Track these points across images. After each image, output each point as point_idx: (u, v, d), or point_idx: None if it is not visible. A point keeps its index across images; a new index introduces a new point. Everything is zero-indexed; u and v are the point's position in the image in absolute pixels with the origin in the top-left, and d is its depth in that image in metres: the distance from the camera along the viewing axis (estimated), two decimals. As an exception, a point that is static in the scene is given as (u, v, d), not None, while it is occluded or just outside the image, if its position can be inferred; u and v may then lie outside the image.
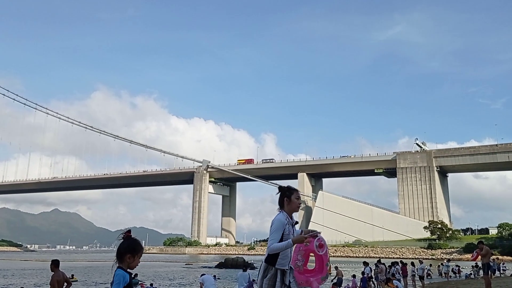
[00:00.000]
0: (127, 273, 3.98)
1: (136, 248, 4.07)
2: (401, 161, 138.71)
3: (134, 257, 4.02)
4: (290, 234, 5.34)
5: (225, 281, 38.91)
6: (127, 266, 4.02)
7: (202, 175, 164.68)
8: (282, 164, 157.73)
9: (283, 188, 5.78)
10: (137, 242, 4.14)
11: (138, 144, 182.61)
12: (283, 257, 5.30)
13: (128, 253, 4.00)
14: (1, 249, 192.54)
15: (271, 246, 5.22)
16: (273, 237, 5.26)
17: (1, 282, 37.61)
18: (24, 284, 34.56)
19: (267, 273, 5.25)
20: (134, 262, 4.04)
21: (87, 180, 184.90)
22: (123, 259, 4.01)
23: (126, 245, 4.05)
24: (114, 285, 3.91)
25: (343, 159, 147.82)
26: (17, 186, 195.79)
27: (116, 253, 4.07)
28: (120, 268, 4.00)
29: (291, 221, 5.51)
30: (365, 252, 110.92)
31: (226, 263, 62.93)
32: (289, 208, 5.58)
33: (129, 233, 4.16)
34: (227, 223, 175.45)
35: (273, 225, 5.34)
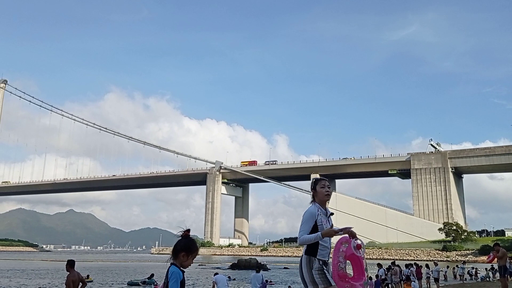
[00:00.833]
0: (181, 271, 4.07)
1: (191, 247, 4.14)
2: (415, 162, 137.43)
3: (188, 256, 4.11)
4: (324, 225, 5.31)
5: (240, 282, 38.92)
6: (180, 264, 4.11)
7: (215, 176, 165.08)
8: (295, 165, 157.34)
9: (312, 180, 5.80)
10: (194, 242, 4.21)
11: (151, 145, 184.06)
12: (323, 248, 5.30)
13: (183, 251, 4.10)
14: (17, 249, 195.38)
15: (300, 238, 5.25)
16: (302, 229, 5.28)
17: (19, 282, 38.14)
18: (41, 284, 34.99)
19: (312, 264, 5.23)
20: (187, 261, 4.12)
21: (101, 181, 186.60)
22: (177, 256, 4.11)
23: (182, 243, 4.15)
24: (172, 283, 3.97)
25: (357, 160, 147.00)
26: (33, 187, 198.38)
27: (172, 250, 4.19)
28: (174, 265, 4.10)
29: (324, 211, 5.49)
30: (379, 254, 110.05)
31: (239, 264, 62.91)
32: (318, 199, 5.57)
33: (188, 232, 4.25)
34: (240, 224, 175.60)
35: (303, 217, 5.36)
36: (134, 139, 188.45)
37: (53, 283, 36.23)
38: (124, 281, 38.14)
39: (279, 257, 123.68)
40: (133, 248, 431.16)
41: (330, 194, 5.64)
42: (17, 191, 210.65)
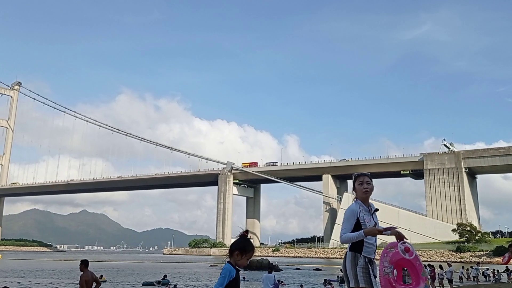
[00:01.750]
0: (234, 269, 4.19)
1: (246, 247, 4.24)
2: (428, 162, 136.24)
3: (242, 256, 4.21)
4: (367, 223, 5.18)
5: (252, 283, 38.99)
6: (235, 262, 4.23)
7: (226, 177, 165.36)
8: (306, 165, 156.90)
9: (352, 177, 5.67)
10: (249, 242, 4.31)
11: (163, 146, 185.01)
12: (368, 245, 5.17)
13: (237, 250, 4.21)
14: (32, 249, 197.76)
15: (342, 236, 5.15)
16: (344, 227, 5.19)
17: (35, 281, 38.61)
18: (56, 283, 35.39)
19: (357, 261, 5.13)
20: (241, 261, 4.22)
21: (114, 181, 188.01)
22: (232, 255, 4.24)
23: (238, 242, 4.29)
24: (220, 278, 4.13)
25: (369, 161, 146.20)
26: (47, 187, 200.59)
27: (229, 248, 4.31)
28: (229, 262, 4.24)
29: (367, 208, 5.35)
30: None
31: (251, 264, 62.80)
32: (358, 196, 5.43)
33: (246, 233, 4.37)
34: (252, 225, 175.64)
35: (344, 215, 5.28)
36: (146, 140, 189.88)
37: (67, 283, 36.63)
38: (138, 282, 38.41)
39: (291, 257, 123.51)
40: (145, 249, 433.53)
41: (370, 191, 5.44)
42: (31, 192, 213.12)
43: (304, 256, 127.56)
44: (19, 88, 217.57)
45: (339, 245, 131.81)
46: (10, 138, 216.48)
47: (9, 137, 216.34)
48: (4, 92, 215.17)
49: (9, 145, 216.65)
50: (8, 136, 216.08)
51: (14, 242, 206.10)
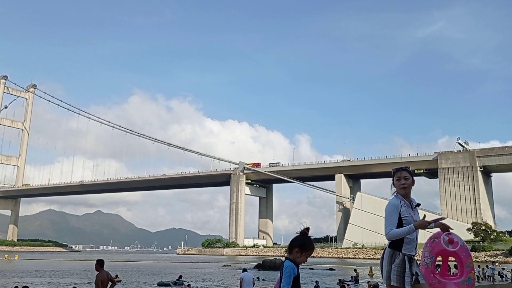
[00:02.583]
0: (295, 266, 4.15)
1: (306, 245, 4.21)
2: (442, 161, 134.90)
3: (301, 253, 4.18)
4: (410, 217, 5.05)
5: (267, 283, 39.21)
6: (294, 259, 4.20)
7: (238, 177, 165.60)
8: (319, 165, 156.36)
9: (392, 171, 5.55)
10: (309, 240, 4.28)
11: (176, 146, 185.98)
12: (409, 242, 5.04)
13: (297, 247, 4.18)
14: (48, 249, 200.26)
15: (389, 232, 5.01)
16: (388, 223, 5.07)
17: (51, 281, 39.16)
18: (73, 283, 35.84)
19: (394, 258, 5.00)
20: (300, 258, 4.18)
21: (128, 182, 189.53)
22: (291, 252, 4.20)
23: (298, 239, 4.23)
24: (285, 277, 4.07)
25: (382, 160, 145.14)
26: (62, 188, 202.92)
27: (288, 245, 4.28)
28: (289, 259, 4.21)
29: (408, 203, 5.21)
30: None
31: (264, 264, 62.91)
32: (397, 191, 5.31)
33: (307, 230, 4.32)
34: (264, 225, 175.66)
35: (386, 211, 5.17)
36: (159, 140, 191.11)
37: (83, 282, 37.08)
38: (153, 282, 38.70)
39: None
40: (159, 249, 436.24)
41: (409, 186, 5.28)
42: (47, 193, 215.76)
43: (317, 256, 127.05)
44: (34, 91, 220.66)
45: (353, 245, 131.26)
46: (25, 139, 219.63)
47: (25, 139, 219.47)
48: (20, 94, 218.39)
49: (25, 146, 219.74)
50: (24, 138, 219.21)
51: (30, 242, 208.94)
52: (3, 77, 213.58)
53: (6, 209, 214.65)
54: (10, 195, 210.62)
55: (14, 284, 31.01)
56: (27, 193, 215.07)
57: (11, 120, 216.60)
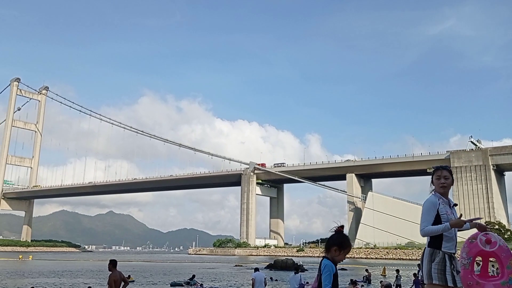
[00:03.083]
0: (333, 264, 4.19)
1: (344, 243, 4.25)
2: (455, 160, 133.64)
3: (340, 251, 4.22)
4: (448, 215, 5.04)
5: (280, 283, 39.19)
6: (332, 258, 4.23)
7: (249, 177, 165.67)
8: (330, 165, 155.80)
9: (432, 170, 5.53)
10: (346, 238, 4.32)
11: (186, 147, 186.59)
12: (448, 240, 5.01)
13: (335, 246, 4.23)
14: (61, 249, 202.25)
15: (424, 229, 4.99)
16: (424, 220, 5.05)
17: (65, 282, 39.51)
18: (86, 283, 36.14)
19: (434, 257, 4.97)
20: (339, 256, 4.22)
21: (139, 182, 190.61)
22: (329, 250, 4.25)
23: (335, 237, 4.28)
24: (325, 275, 4.10)
25: (394, 159, 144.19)
26: (74, 189, 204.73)
27: (325, 244, 4.35)
28: (326, 258, 4.24)
29: (446, 201, 5.22)
30: (418, 255, 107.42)
31: (275, 264, 62.90)
32: (436, 190, 5.31)
33: (341, 228, 4.36)
34: (275, 225, 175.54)
35: (423, 207, 5.14)
36: (169, 141, 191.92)
37: (95, 282, 37.37)
38: (166, 282, 38.88)
39: (316, 257, 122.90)
40: (171, 249, 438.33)
41: (448, 186, 5.31)
42: (59, 194, 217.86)
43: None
44: (47, 93, 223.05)
45: (364, 245, 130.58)
46: (38, 141, 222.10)
47: (38, 141, 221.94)
48: (32, 96, 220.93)
49: (38, 148, 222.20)
50: (37, 139, 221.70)
51: (44, 243, 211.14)
52: (16, 79, 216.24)
53: (20, 210, 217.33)
54: (24, 196, 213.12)
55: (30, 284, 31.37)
56: (40, 194, 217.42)
57: (24, 122, 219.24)
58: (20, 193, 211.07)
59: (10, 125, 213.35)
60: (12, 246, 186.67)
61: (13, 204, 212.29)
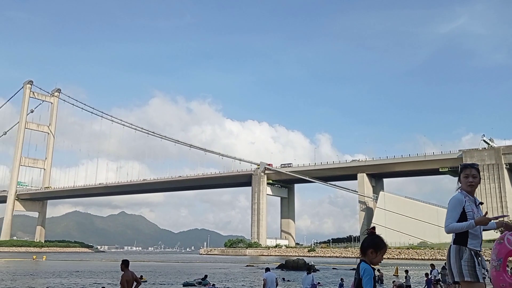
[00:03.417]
0: (371, 268, 4.21)
1: (379, 244, 4.25)
2: (467, 159, 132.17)
3: (376, 253, 4.21)
4: (474, 213, 5.02)
5: (292, 283, 39.26)
6: (370, 261, 4.23)
7: (260, 177, 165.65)
8: (341, 165, 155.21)
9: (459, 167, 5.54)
10: (381, 239, 4.32)
11: (197, 148, 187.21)
12: (473, 237, 4.97)
13: (371, 248, 4.23)
14: (74, 250, 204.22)
15: (449, 226, 4.97)
16: (449, 216, 5.03)
17: (79, 282, 39.92)
18: (99, 283, 36.48)
19: (462, 254, 4.95)
20: (376, 258, 4.22)
21: (151, 183, 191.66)
22: (366, 253, 4.25)
23: (369, 240, 4.30)
24: (366, 279, 4.10)
25: (405, 159, 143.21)
26: (86, 190, 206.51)
27: (360, 247, 4.34)
28: (364, 261, 4.25)
29: (472, 199, 5.19)
30: (431, 255, 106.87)
31: (286, 264, 62.88)
32: (463, 188, 5.28)
33: (374, 230, 4.40)
34: (286, 225, 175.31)
35: (449, 204, 5.13)
36: (180, 142, 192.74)
37: (108, 283, 37.70)
38: (179, 282, 39.08)
39: (327, 257, 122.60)
40: (182, 249, 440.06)
41: (476, 185, 5.26)
42: (73, 195, 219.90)
43: (341, 256, 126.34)
44: (59, 95, 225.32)
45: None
46: (51, 143, 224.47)
47: (51, 142, 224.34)
48: (45, 98, 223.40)
49: (51, 149, 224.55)
50: (50, 141, 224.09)
51: (57, 243, 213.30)
52: (29, 82, 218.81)
53: (34, 211, 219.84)
54: (37, 197, 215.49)
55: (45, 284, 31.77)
56: (53, 195, 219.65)
57: (37, 124, 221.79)
58: (34, 194, 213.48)
59: (24, 127, 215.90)
60: (26, 247, 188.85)
61: (27, 205, 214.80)
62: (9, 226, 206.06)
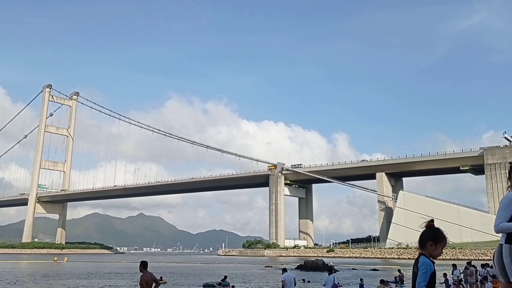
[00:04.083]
0: (431, 261, 4.09)
1: (438, 236, 4.17)
2: (488, 157, 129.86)
3: (436, 246, 4.13)
4: None
5: (313, 284, 38.88)
6: (429, 254, 4.10)
7: (277, 178, 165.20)
8: (359, 164, 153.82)
9: (509, 166, 5.37)
10: (440, 231, 4.23)
11: (214, 149, 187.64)
12: None
13: (430, 240, 4.14)
14: (94, 251, 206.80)
15: (498, 225, 4.83)
16: (499, 216, 4.87)
17: (100, 283, 40.14)
18: (119, 284, 36.60)
19: None
20: (436, 251, 4.13)
21: (168, 185, 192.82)
22: (425, 246, 4.15)
23: (428, 232, 4.21)
24: (422, 273, 4.00)
25: (425, 157, 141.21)
26: (105, 192, 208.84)
27: (419, 240, 4.24)
28: (423, 255, 4.12)
29: None
30: (452, 254, 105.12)
31: (305, 265, 62.44)
32: None
33: (432, 222, 4.28)
34: (305, 225, 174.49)
35: (500, 204, 4.96)
36: (197, 143, 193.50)
37: (128, 284, 37.83)
38: (199, 283, 38.98)
39: (346, 258, 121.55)
40: (200, 250, 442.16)
41: None
42: (92, 197, 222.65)
43: (360, 257, 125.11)
44: (77, 98, 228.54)
45: (396, 245, 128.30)
46: (70, 145, 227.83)
47: (70, 145, 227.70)
48: (64, 102, 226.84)
49: (70, 152, 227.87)
50: (69, 144, 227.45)
51: (78, 245, 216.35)
52: (48, 86, 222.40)
53: (54, 213, 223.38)
54: (58, 200, 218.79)
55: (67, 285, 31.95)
56: (73, 197, 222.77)
57: (57, 127, 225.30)
58: (54, 197, 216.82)
59: (43, 130, 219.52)
60: (47, 248, 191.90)
61: (48, 207, 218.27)
62: (30, 228, 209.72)
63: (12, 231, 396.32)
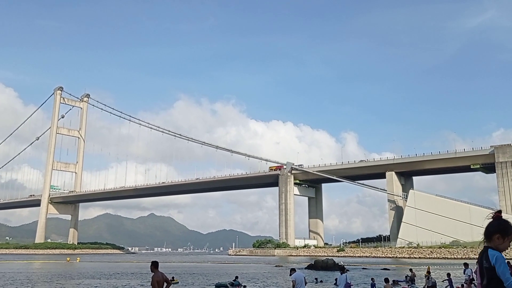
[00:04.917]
0: None
1: (507, 229, 3.95)
2: (499, 155, 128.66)
3: (503, 238, 3.94)
4: None
5: (325, 284, 39.00)
6: (495, 247, 3.96)
7: (286, 177, 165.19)
8: (369, 163, 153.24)
9: None
10: (509, 223, 4.00)
11: (223, 149, 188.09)
12: None
13: (497, 233, 3.95)
14: (106, 251, 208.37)
15: None
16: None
17: (112, 282, 40.63)
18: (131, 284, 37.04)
19: None
20: (503, 244, 3.94)
21: (179, 185, 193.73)
22: (491, 239, 3.97)
23: (495, 224, 4.00)
24: (502, 267, 3.83)
25: (435, 156, 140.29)
26: (116, 193, 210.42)
27: (485, 232, 4.06)
28: (491, 248, 3.97)
29: None
30: (464, 254, 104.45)
31: (316, 265, 62.50)
32: None
33: (499, 213, 4.08)
34: (315, 225, 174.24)
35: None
36: (207, 144, 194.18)
37: (139, 284, 38.27)
38: (210, 283, 39.27)
39: (357, 257, 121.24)
40: (211, 250, 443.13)
41: None
42: (103, 197, 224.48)
43: (370, 256, 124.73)
44: (88, 100, 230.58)
45: (407, 244, 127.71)
46: (82, 147, 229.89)
47: (81, 146, 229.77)
48: (75, 104, 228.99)
49: (81, 153, 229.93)
50: (80, 145, 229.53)
51: (90, 245, 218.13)
52: (59, 88, 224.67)
53: (67, 214, 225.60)
54: (70, 201, 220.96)
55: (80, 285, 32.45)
56: (84, 198, 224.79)
57: (68, 129, 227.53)
58: (66, 198, 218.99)
59: (55, 132, 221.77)
60: (60, 249, 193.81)
61: (60, 208, 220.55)
62: (43, 229, 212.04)
63: (25, 232, 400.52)
